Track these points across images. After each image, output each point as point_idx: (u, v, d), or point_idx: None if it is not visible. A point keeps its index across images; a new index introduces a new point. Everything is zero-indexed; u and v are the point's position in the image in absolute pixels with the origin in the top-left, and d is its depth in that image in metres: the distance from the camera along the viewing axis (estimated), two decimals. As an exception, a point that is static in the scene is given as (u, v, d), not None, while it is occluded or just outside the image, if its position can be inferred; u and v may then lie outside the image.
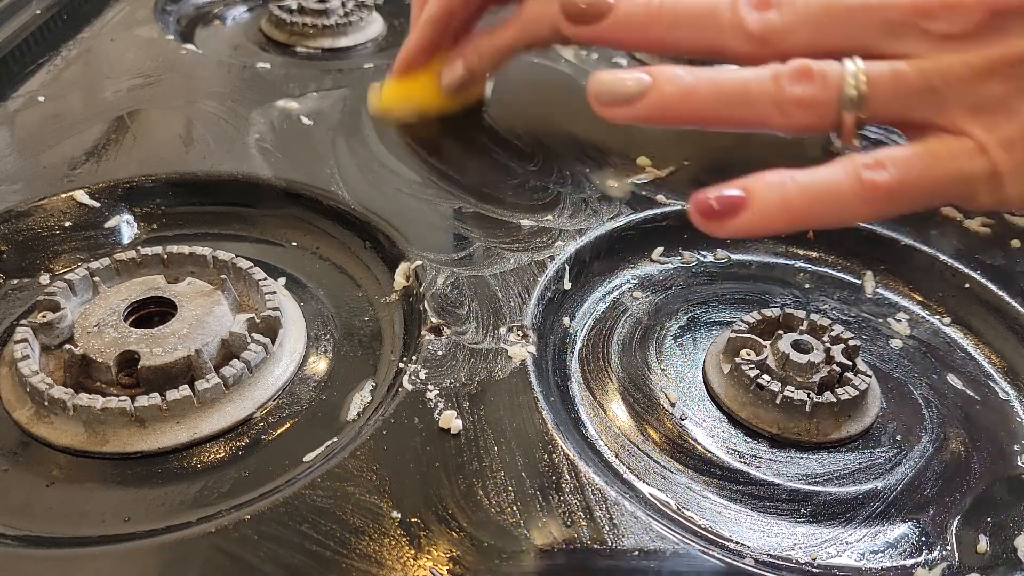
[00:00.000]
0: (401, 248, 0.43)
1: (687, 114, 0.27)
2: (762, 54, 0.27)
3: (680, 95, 0.27)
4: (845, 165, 0.26)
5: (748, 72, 0.27)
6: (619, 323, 0.43)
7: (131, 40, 0.64)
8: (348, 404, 0.37)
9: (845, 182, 0.26)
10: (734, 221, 0.26)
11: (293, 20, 0.68)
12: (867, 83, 0.26)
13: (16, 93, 0.56)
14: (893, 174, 0.26)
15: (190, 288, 0.40)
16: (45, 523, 0.32)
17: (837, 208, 0.26)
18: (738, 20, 0.27)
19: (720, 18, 0.27)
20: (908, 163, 0.26)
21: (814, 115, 0.26)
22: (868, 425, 0.38)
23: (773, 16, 0.27)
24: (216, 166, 0.49)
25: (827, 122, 0.26)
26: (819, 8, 0.27)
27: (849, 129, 0.26)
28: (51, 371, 0.37)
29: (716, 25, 0.27)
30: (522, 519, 0.31)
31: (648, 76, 0.27)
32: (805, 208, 0.26)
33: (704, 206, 0.26)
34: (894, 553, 0.33)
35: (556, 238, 0.44)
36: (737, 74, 0.27)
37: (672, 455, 0.37)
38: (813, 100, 0.26)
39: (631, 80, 0.27)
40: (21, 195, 0.46)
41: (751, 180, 0.26)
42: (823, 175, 0.26)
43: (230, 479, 0.34)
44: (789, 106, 0.26)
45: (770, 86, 0.26)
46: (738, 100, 0.26)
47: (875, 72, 0.26)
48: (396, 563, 0.29)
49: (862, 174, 0.26)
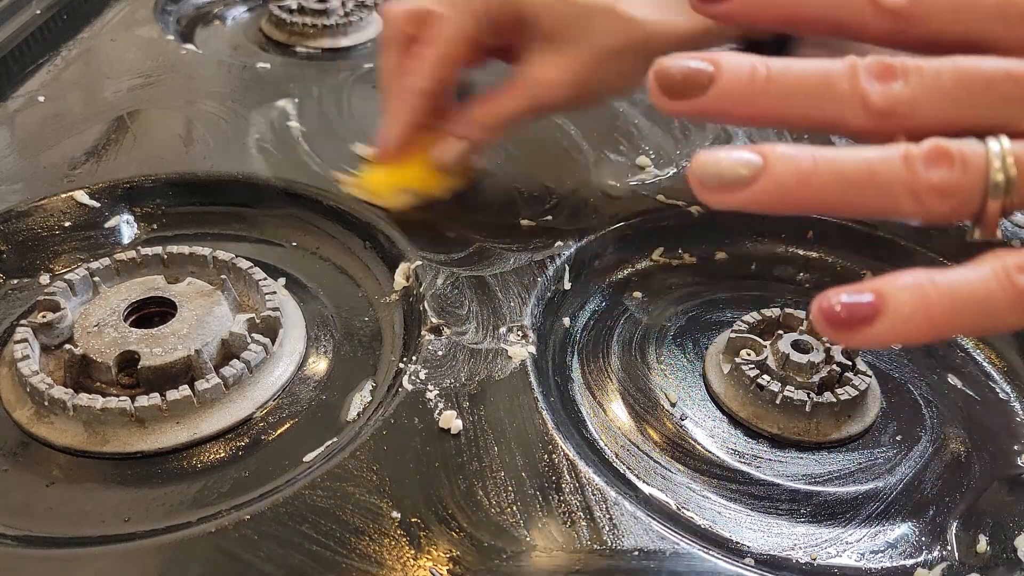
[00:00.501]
0: (401, 248, 0.43)
1: (806, 201, 0.23)
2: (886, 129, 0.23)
3: (797, 180, 0.23)
4: (995, 267, 0.22)
5: (874, 153, 0.23)
6: (619, 323, 0.43)
7: (131, 40, 0.64)
8: (348, 404, 0.37)
9: (996, 288, 0.22)
10: (867, 331, 0.22)
11: (293, 20, 0.68)
12: (1016, 166, 0.22)
13: (16, 93, 0.56)
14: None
15: (190, 288, 0.40)
16: (45, 523, 0.32)
17: (985, 317, 0.23)
18: (859, 92, 0.23)
19: (838, 89, 0.23)
20: None
21: (954, 203, 0.23)
22: (868, 425, 0.38)
23: (899, 87, 0.23)
24: (216, 166, 0.49)
25: (969, 211, 0.23)
26: (953, 78, 0.23)
27: (993, 219, 0.23)
28: (51, 371, 0.37)
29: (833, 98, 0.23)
30: (522, 519, 0.31)
31: (759, 157, 0.23)
32: (948, 316, 0.22)
33: (830, 313, 0.23)
34: (894, 553, 0.33)
35: (556, 238, 0.44)
36: (862, 155, 0.23)
37: (672, 455, 0.37)
38: (954, 187, 0.22)
39: (740, 162, 0.23)
40: (21, 195, 0.46)
41: (884, 282, 0.23)
42: (969, 279, 0.22)
43: (230, 479, 0.34)
44: (925, 193, 0.22)
45: (902, 170, 0.23)
46: (865, 186, 0.23)
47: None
48: (396, 563, 0.29)
49: (1016, 279, 0.22)
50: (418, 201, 0.45)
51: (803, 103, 0.24)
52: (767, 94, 0.23)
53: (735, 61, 0.24)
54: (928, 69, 0.23)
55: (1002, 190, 0.22)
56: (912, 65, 0.23)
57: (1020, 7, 0.24)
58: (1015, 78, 0.23)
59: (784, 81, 0.23)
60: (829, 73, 0.23)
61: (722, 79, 0.24)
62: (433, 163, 0.45)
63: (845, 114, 0.23)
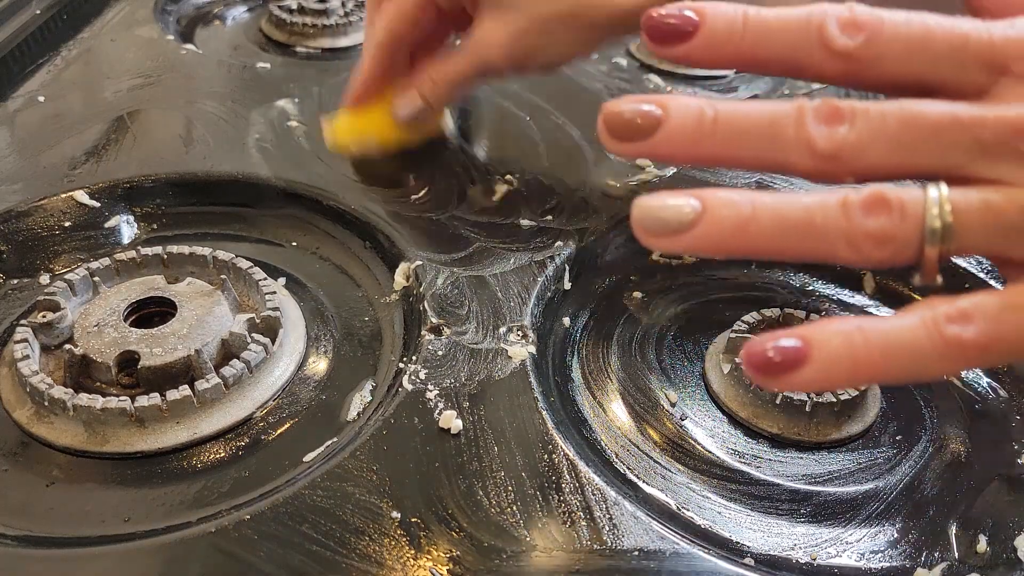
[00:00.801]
0: (401, 248, 0.43)
1: (744, 246, 0.23)
2: (832, 171, 0.23)
3: (736, 225, 0.23)
4: (924, 316, 0.23)
5: (813, 199, 0.23)
6: (619, 323, 0.43)
7: (131, 40, 0.64)
8: (348, 404, 0.37)
9: (924, 338, 0.22)
10: (793, 377, 0.23)
11: (293, 20, 0.68)
12: (953, 213, 0.22)
13: (16, 93, 0.56)
14: (982, 329, 0.22)
15: (190, 288, 0.40)
16: (45, 523, 0.32)
17: (912, 366, 0.23)
18: (804, 136, 0.23)
19: (784, 134, 0.23)
20: (1000, 316, 0.22)
21: (891, 250, 0.23)
22: (868, 425, 0.38)
23: (845, 131, 0.23)
24: (216, 166, 0.49)
25: (906, 258, 0.23)
26: (898, 123, 0.23)
27: (931, 265, 0.23)
28: (51, 371, 0.37)
29: (780, 141, 0.23)
30: (522, 519, 0.31)
31: (699, 202, 0.23)
32: (875, 364, 0.23)
33: (760, 359, 0.23)
34: (894, 553, 0.33)
35: (556, 238, 0.44)
36: (800, 201, 0.23)
37: (672, 455, 0.37)
38: (890, 234, 0.22)
39: (680, 208, 0.23)
40: (21, 195, 0.46)
41: (812, 329, 0.23)
42: (898, 327, 0.23)
43: (230, 479, 0.34)
44: (861, 241, 0.22)
45: (839, 217, 0.23)
46: (802, 232, 0.23)
47: (963, 202, 0.22)
48: (396, 563, 0.29)
49: (944, 329, 0.22)
50: (374, 152, 0.49)
51: (750, 146, 0.24)
52: (714, 137, 0.24)
53: (683, 104, 0.24)
54: (875, 113, 0.23)
55: (939, 237, 0.22)
56: (860, 108, 0.23)
57: (973, 51, 0.23)
58: (962, 124, 0.23)
59: (731, 125, 0.24)
60: (775, 116, 0.23)
61: (669, 123, 0.24)
62: (392, 116, 0.48)
63: (791, 157, 0.23)
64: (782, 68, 0.25)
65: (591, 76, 0.61)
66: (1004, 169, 0.23)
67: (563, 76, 0.60)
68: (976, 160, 0.23)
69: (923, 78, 0.24)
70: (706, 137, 0.24)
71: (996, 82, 0.23)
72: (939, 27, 0.24)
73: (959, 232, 0.22)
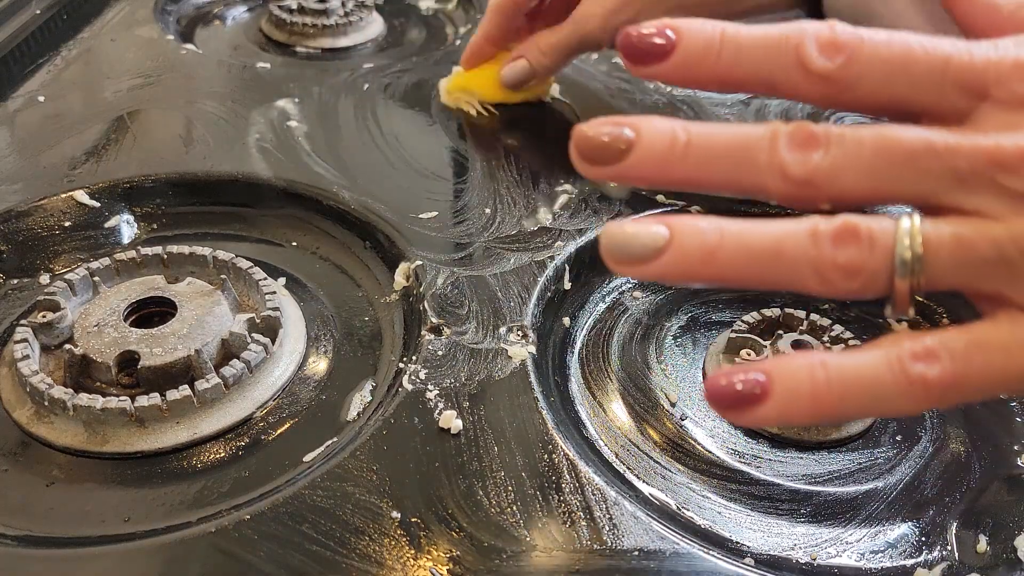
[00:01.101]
0: (401, 248, 0.43)
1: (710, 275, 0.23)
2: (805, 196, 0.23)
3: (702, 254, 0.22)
4: (889, 354, 0.22)
5: (783, 228, 0.22)
6: (619, 323, 0.43)
7: (131, 40, 0.64)
8: (348, 404, 0.37)
9: (887, 376, 0.22)
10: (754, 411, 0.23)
11: (293, 20, 0.68)
12: (924, 245, 0.22)
13: (16, 93, 0.56)
14: (947, 368, 0.22)
15: (190, 288, 0.40)
16: (45, 523, 0.32)
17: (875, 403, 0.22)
18: (777, 161, 0.22)
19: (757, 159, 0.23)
20: (967, 354, 0.22)
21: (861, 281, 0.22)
22: (868, 425, 0.38)
23: (819, 157, 0.22)
24: (216, 166, 0.49)
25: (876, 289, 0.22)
26: (873, 148, 0.22)
27: (903, 297, 0.22)
28: (51, 371, 0.37)
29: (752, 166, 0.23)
30: (522, 519, 0.31)
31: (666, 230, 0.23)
32: (835, 401, 0.22)
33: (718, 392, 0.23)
34: (894, 553, 0.33)
35: (556, 238, 0.44)
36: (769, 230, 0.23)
37: (672, 455, 0.37)
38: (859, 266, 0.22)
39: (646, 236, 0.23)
40: (21, 195, 0.46)
41: (775, 364, 0.23)
42: (861, 364, 0.22)
43: (230, 479, 0.34)
44: (830, 272, 0.22)
45: (808, 247, 0.22)
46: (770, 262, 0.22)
47: (934, 235, 0.22)
48: (396, 563, 0.29)
49: (909, 368, 0.22)
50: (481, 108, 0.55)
51: (722, 170, 0.23)
52: (686, 161, 0.23)
53: (655, 127, 0.23)
54: (850, 139, 0.22)
55: (908, 269, 0.22)
56: (835, 134, 0.23)
57: (953, 75, 0.23)
58: (936, 152, 0.22)
59: (703, 148, 0.23)
60: (748, 141, 0.23)
61: (640, 145, 0.23)
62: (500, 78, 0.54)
63: (764, 182, 0.23)
64: (759, 88, 0.25)
65: (591, 76, 0.61)
66: (979, 200, 0.22)
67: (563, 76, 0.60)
68: (951, 190, 0.22)
69: (904, 101, 0.23)
70: (678, 161, 0.23)
71: (977, 107, 0.23)
72: (920, 49, 0.23)
73: (929, 264, 0.22)
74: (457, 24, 0.74)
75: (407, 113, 0.57)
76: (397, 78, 0.60)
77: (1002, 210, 0.22)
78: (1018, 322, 0.22)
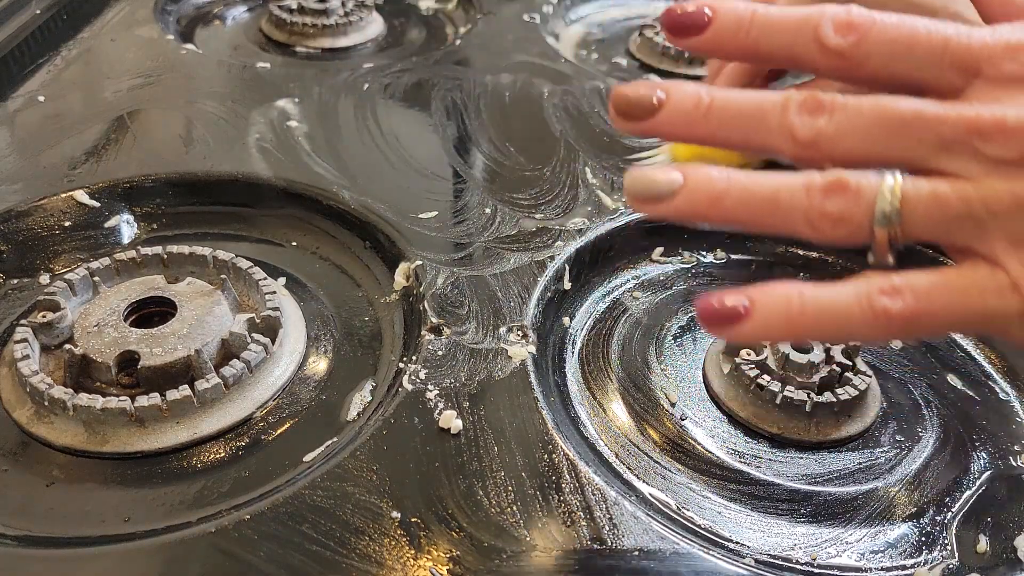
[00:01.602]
0: (401, 248, 0.43)
1: (715, 216, 0.26)
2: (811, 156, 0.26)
3: (709, 200, 0.26)
4: (858, 288, 0.25)
5: (781, 180, 0.26)
6: (619, 323, 0.43)
7: (131, 40, 0.64)
8: (348, 404, 0.37)
9: (855, 306, 0.25)
10: (735, 328, 0.26)
11: (293, 20, 0.68)
12: (902, 200, 0.25)
13: (16, 93, 0.56)
14: (909, 304, 0.25)
15: (190, 288, 0.40)
16: (45, 523, 0.32)
17: (842, 330, 0.25)
18: (787, 124, 0.26)
19: (769, 121, 0.26)
20: (929, 294, 0.25)
21: (847, 230, 0.25)
22: (868, 425, 0.38)
23: (823, 122, 0.26)
24: (216, 166, 0.49)
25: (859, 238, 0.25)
26: (872, 117, 0.25)
27: (882, 246, 0.25)
28: (51, 371, 0.37)
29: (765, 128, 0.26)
30: (522, 519, 0.31)
31: (680, 177, 0.26)
32: (809, 325, 0.25)
33: (707, 310, 0.26)
34: (894, 553, 0.33)
35: (556, 238, 0.44)
36: (769, 181, 0.26)
37: (672, 455, 0.37)
38: (846, 215, 0.25)
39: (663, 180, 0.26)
40: (21, 195, 0.46)
41: (758, 291, 0.26)
42: (833, 295, 0.25)
43: (230, 479, 0.34)
44: (819, 220, 0.25)
45: (801, 197, 0.25)
46: (767, 209, 0.26)
47: (912, 190, 0.25)
48: (396, 563, 0.29)
49: (875, 301, 0.25)
50: None
51: (739, 129, 0.26)
52: (708, 119, 0.26)
53: (683, 90, 0.27)
54: (852, 106, 0.26)
55: (887, 220, 0.25)
56: (839, 102, 0.26)
57: (951, 55, 0.25)
58: (926, 120, 0.25)
59: (724, 110, 0.26)
60: (764, 105, 0.26)
61: (669, 104, 0.27)
62: None
63: (775, 142, 0.26)
64: (782, 61, 0.27)
65: (591, 76, 0.61)
66: (958, 163, 0.25)
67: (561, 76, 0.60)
68: (937, 154, 0.25)
69: (908, 77, 0.26)
70: (701, 119, 0.26)
71: (970, 83, 0.26)
72: (924, 31, 0.26)
73: (906, 217, 0.25)
74: (457, 24, 0.74)
75: (407, 113, 0.57)
76: (397, 78, 0.60)
77: (976, 172, 0.25)
78: (980, 269, 0.25)
